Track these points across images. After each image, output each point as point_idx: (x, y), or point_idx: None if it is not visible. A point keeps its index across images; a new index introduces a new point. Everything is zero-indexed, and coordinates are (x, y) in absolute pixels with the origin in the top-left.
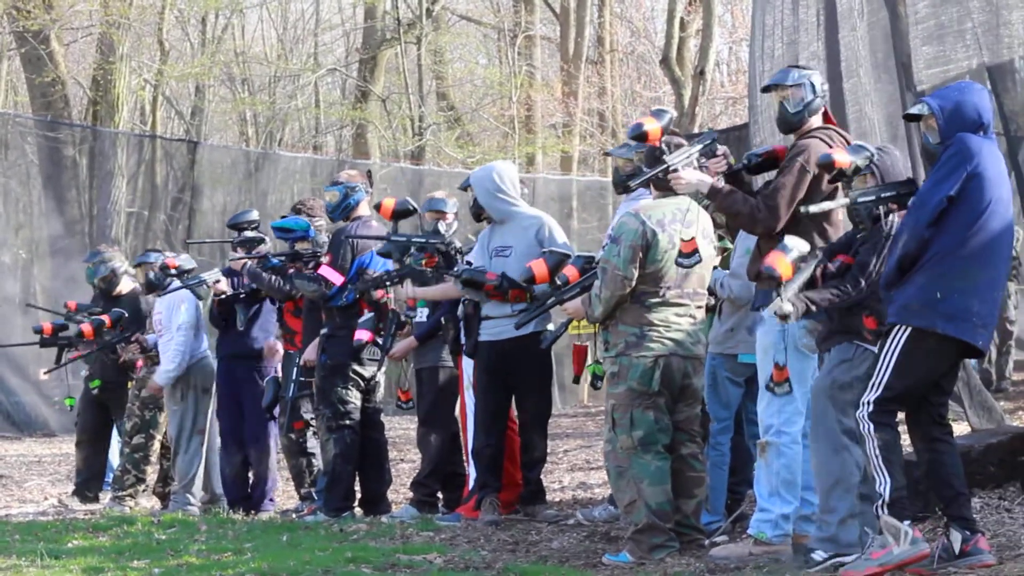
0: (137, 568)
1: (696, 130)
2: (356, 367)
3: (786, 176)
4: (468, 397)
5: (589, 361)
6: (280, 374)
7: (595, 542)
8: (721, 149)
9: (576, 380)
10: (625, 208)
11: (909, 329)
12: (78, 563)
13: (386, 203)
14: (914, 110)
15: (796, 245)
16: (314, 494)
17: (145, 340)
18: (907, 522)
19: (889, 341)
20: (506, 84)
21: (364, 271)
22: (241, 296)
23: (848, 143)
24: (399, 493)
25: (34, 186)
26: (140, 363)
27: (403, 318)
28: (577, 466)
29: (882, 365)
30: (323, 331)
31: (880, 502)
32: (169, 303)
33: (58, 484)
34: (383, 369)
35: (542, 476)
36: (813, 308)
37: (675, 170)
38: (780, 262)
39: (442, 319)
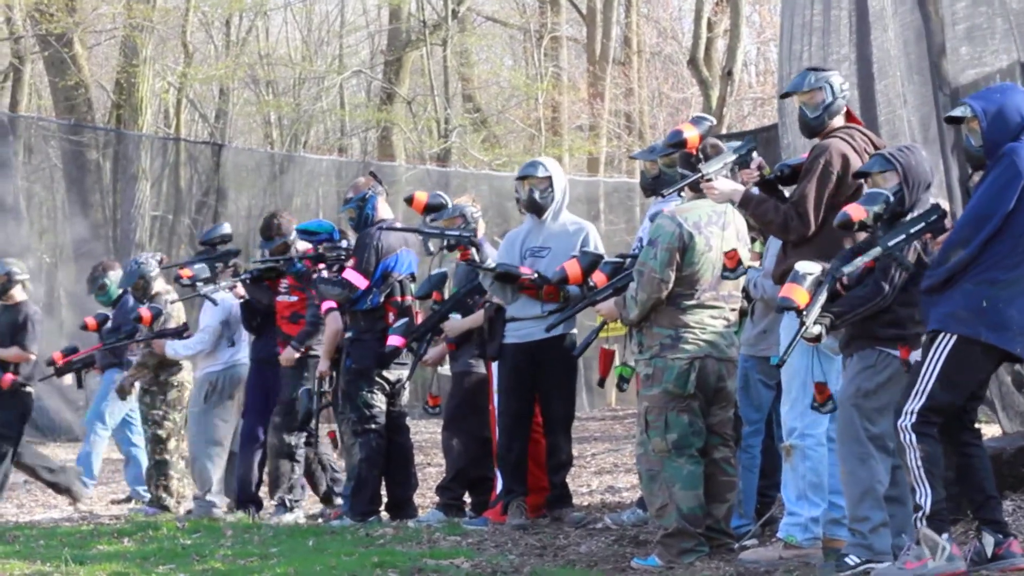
0: (162, 573)
1: (724, 131)
2: (381, 370)
3: (811, 181)
4: (498, 401)
5: (617, 363)
6: (312, 384)
7: (623, 546)
8: (756, 160)
9: (601, 383)
10: (655, 210)
11: (955, 337)
12: (103, 568)
13: (418, 196)
14: (956, 112)
15: (809, 270)
16: (286, 500)
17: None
18: (946, 536)
19: (933, 349)
20: (532, 85)
21: (389, 274)
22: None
23: (872, 142)
24: (425, 497)
25: (58, 190)
26: (9, 377)
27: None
28: (605, 469)
29: (926, 373)
30: (347, 335)
31: (920, 514)
32: (203, 307)
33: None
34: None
35: (568, 479)
36: (839, 322)
37: (709, 179)
38: (795, 292)
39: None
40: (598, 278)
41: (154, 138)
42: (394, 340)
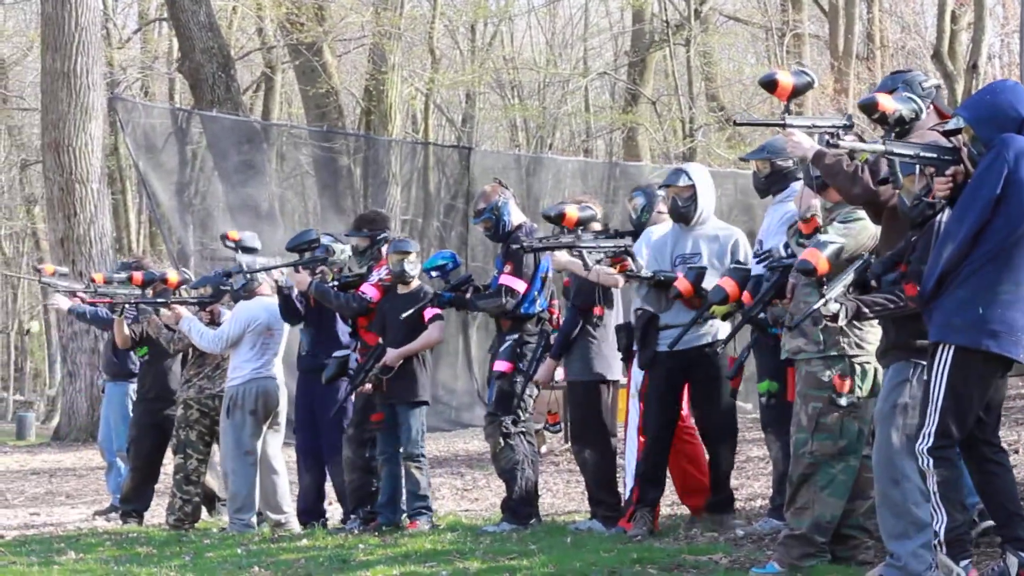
0: (424, 571)
1: None
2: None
3: None
4: (632, 407)
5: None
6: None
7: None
8: (849, 139)
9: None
10: (774, 211)
11: (953, 348)
12: (372, 574)
13: (569, 212)
14: (951, 125)
15: (834, 239)
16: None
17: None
18: (964, 562)
19: (936, 363)
20: None
21: (547, 277)
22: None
23: None
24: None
25: (310, 196)
26: None
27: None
28: None
29: (933, 391)
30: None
31: (936, 541)
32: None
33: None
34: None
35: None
36: (866, 311)
37: (791, 131)
38: (816, 257)
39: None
40: (746, 296)
41: (403, 143)
42: (500, 365)
